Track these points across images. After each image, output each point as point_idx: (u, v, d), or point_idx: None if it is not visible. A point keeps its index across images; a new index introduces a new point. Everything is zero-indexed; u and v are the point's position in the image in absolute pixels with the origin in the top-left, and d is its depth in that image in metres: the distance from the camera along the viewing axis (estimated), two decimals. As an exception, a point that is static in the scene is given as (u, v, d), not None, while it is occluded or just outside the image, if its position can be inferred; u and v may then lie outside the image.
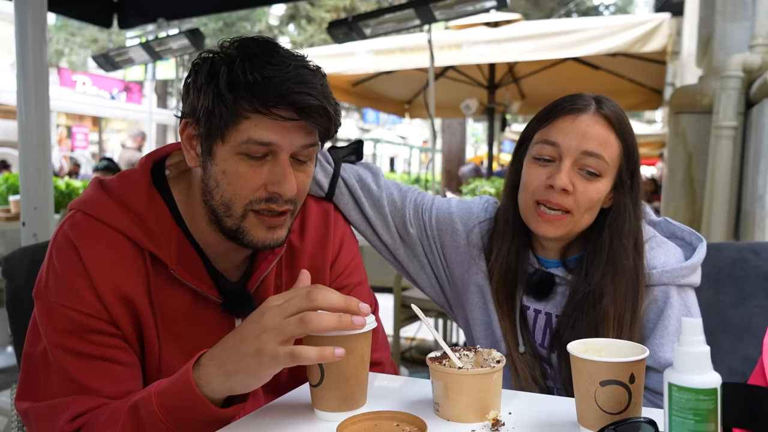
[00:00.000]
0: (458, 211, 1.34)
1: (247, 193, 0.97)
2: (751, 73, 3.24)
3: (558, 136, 1.16)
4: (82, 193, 1.07)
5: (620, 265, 1.16)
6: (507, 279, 1.24)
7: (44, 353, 0.97)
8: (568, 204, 1.14)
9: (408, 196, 1.35)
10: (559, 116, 1.17)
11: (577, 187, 1.14)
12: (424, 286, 1.39)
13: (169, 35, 4.68)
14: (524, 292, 1.25)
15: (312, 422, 0.90)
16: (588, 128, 1.14)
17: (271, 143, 0.95)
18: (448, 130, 11.63)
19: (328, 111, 0.95)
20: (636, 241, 1.18)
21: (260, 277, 1.10)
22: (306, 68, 0.96)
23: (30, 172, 2.57)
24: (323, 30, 14.58)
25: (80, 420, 0.92)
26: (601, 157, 1.14)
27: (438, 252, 1.34)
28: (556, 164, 1.16)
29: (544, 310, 1.24)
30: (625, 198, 1.19)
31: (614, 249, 1.17)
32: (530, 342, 1.25)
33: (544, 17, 14.43)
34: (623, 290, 1.15)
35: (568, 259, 1.23)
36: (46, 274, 1.00)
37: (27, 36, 2.53)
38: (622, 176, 1.18)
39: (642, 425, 0.78)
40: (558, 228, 1.16)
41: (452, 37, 6.19)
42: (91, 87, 17.67)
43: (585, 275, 1.18)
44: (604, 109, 1.16)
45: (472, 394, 0.88)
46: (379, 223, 1.32)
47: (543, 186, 1.16)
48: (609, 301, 1.15)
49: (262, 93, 0.92)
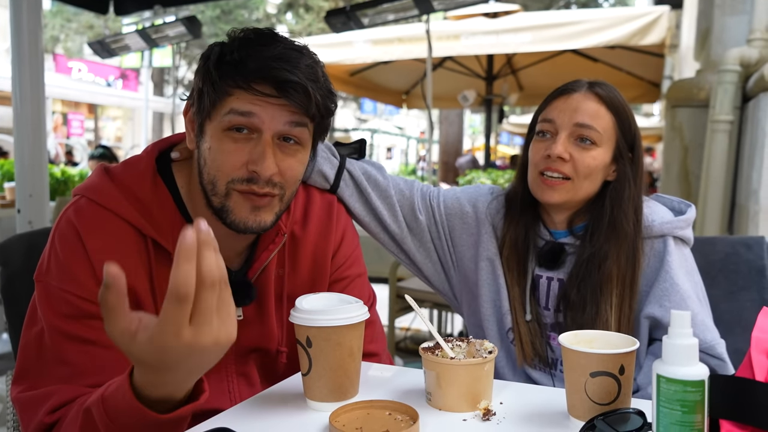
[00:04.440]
0: (465, 195, 1.42)
1: (228, 170, 0.98)
2: (749, 67, 3.24)
3: (553, 113, 1.28)
4: (86, 178, 1.08)
5: (621, 230, 1.25)
6: (518, 248, 1.33)
7: (39, 336, 0.97)
8: (567, 170, 1.24)
9: (414, 185, 1.42)
10: (555, 98, 1.30)
11: (573, 155, 1.24)
12: (429, 274, 1.43)
13: (165, 22, 4.65)
14: (537, 263, 1.32)
15: (304, 411, 0.91)
16: (579, 104, 1.26)
17: (252, 113, 0.96)
18: (446, 121, 11.62)
19: (307, 89, 0.95)
20: (636, 208, 1.27)
21: (261, 266, 1.11)
22: (294, 50, 0.98)
23: (25, 159, 2.56)
24: (321, 19, 14.49)
25: (59, 412, 0.92)
26: (592, 128, 1.24)
27: (446, 237, 1.40)
28: (554, 138, 1.27)
29: (556, 276, 1.31)
30: (626, 168, 1.28)
31: (615, 215, 1.26)
32: (537, 311, 1.32)
33: (543, 8, 14.36)
34: (625, 253, 1.24)
35: (575, 227, 1.32)
36: (47, 258, 1.00)
37: (22, 21, 2.51)
38: (620, 148, 1.27)
39: (631, 416, 0.79)
40: (560, 193, 1.25)
41: (450, 27, 6.17)
42: (87, 74, 17.55)
43: (589, 240, 1.27)
44: (595, 88, 1.27)
45: (463, 384, 0.89)
46: (387, 213, 1.36)
47: (543, 157, 1.26)
48: (612, 262, 1.24)
49: (244, 69, 0.95)
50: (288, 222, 1.15)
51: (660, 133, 9.14)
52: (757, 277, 1.46)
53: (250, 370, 1.13)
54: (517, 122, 15.17)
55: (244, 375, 1.13)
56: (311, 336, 0.90)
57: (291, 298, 1.12)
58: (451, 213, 1.40)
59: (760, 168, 2.79)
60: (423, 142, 21.91)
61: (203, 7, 15.97)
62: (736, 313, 1.44)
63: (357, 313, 0.91)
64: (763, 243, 1.48)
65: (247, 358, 1.13)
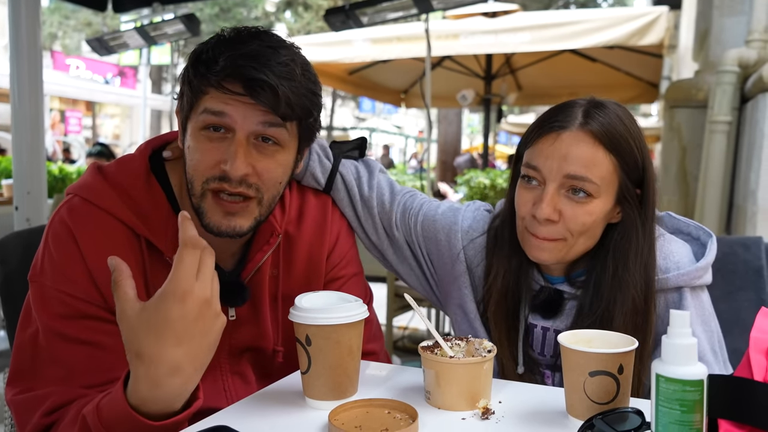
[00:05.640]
0: (442, 220, 1.26)
1: (203, 169, 0.98)
2: (747, 68, 3.25)
3: (539, 160, 1.07)
4: (79, 177, 1.07)
5: (628, 291, 1.07)
6: (507, 299, 1.16)
7: (34, 336, 0.97)
8: (557, 233, 1.06)
9: (397, 199, 1.29)
10: (541, 136, 1.08)
11: (564, 213, 1.05)
12: (414, 285, 1.34)
13: (164, 20, 4.64)
14: (530, 310, 1.16)
15: (303, 410, 0.91)
16: (569, 148, 1.04)
17: (224, 113, 0.95)
18: (444, 121, 11.62)
19: (276, 89, 0.93)
20: (646, 265, 1.08)
21: (254, 267, 1.10)
22: (270, 47, 0.96)
23: (23, 157, 2.55)
24: (320, 17, 14.47)
25: (55, 414, 0.92)
26: (586, 179, 1.03)
27: (425, 257, 1.29)
28: (541, 188, 1.07)
29: (552, 327, 1.16)
30: (633, 213, 1.08)
31: (620, 275, 1.07)
32: (531, 358, 1.18)
33: (542, 8, 14.37)
34: (632, 318, 1.07)
35: (573, 274, 1.16)
36: (41, 258, 0.99)
37: (20, 18, 2.50)
38: (625, 190, 1.07)
39: (629, 415, 0.79)
40: (552, 253, 1.08)
41: (449, 26, 6.16)
42: (85, 71, 17.52)
43: (592, 296, 1.10)
44: (590, 123, 1.04)
45: (462, 382, 0.89)
46: (368, 223, 1.29)
47: (529, 214, 1.08)
48: (618, 325, 1.06)
49: (215, 67, 0.95)
50: (282, 222, 1.14)
51: (658, 133, 9.15)
52: (755, 278, 1.46)
53: (244, 369, 1.13)
54: (515, 122, 15.17)
55: (238, 374, 1.13)
56: (310, 334, 0.90)
57: (286, 298, 1.12)
58: (428, 237, 1.26)
59: (758, 169, 2.80)
60: (421, 142, 21.90)
61: (202, 5, 15.93)
62: (733, 314, 1.44)
63: (356, 311, 0.91)
64: (760, 243, 1.48)
65: (240, 357, 1.12)
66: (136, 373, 0.77)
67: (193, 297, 0.75)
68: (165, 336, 0.75)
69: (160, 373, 0.76)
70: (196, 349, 0.77)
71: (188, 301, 0.75)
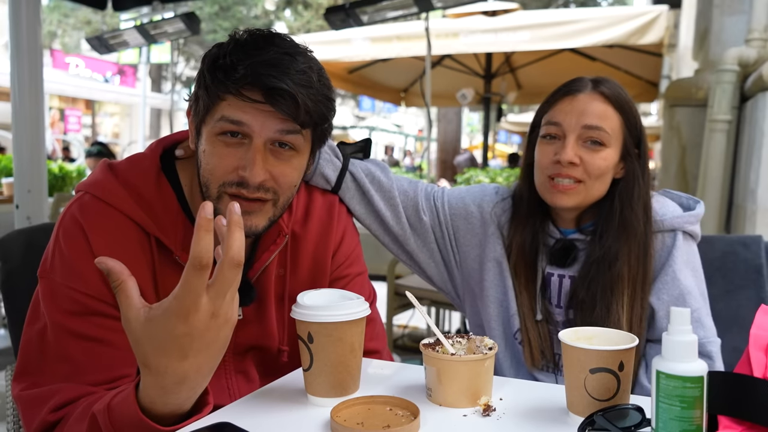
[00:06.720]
0: (470, 196, 1.41)
1: (220, 174, 0.98)
2: (747, 67, 3.25)
3: (559, 116, 1.26)
4: (89, 174, 1.07)
5: (631, 229, 1.24)
6: (526, 252, 1.32)
7: (42, 332, 0.97)
8: (578, 174, 1.23)
9: (419, 186, 1.41)
10: (559, 99, 1.27)
11: (583, 158, 1.23)
12: (431, 274, 1.42)
13: (164, 18, 4.64)
14: (548, 261, 1.32)
15: (306, 406, 0.91)
16: (586, 105, 1.24)
17: (242, 122, 0.96)
18: (444, 119, 11.62)
19: (296, 97, 0.94)
20: (645, 206, 1.26)
21: (261, 267, 1.11)
22: (288, 54, 0.96)
23: (24, 155, 2.56)
24: (320, 16, 14.48)
25: (63, 410, 0.92)
26: (601, 129, 1.23)
27: (450, 238, 1.39)
28: (562, 141, 1.25)
29: (567, 274, 1.31)
30: (634, 166, 1.27)
31: (625, 215, 1.25)
32: (547, 310, 1.32)
33: (541, 7, 14.36)
34: (635, 252, 1.24)
35: (583, 225, 1.31)
36: (51, 254, 1.00)
37: (21, 16, 2.50)
38: (628, 146, 1.27)
39: (630, 411, 0.80)
40: (572, 197, 1.24)
41: (449, 25, 6.17)
42: (85, 69, 17.50)
43: (599, 239, 1.26)
44: (600, 87, 1.25)
45: (464, 380, 0.89)
46: (390, 214, 1.35)
47: (552, 162, 1.25)
48: (623, 263, 1.23)
49: (234, 74, 0.94)
50: (289, 222, 1.14)
51: (657, 132, 9.16)
52: (755, 276, 1.46)
53: (248, 368, 1.14)
54: (515, 120, 15.18)
55: (242, 372, 1.13)
56: (313, 332, 0.90)
57: (292, 297, 1.12)
58: (456, 214, 1.39)
59: (758, 167, 2.80)
60: (421, 140, 21.91)
61: (201, 4, 15.94)
62: (733, 311, 1.45)
63: (358, 309, 0.92)
64: (760, 242, 1.49)
65: (244, 355, 1.13)
66: (145, 379, 0.77)
67: (198, 315, 0.72)
68: (169, 351, 0.73)
69: (167, 382, 0.76)
70: (201, 360, 0.76)
71: (192, 319, 0.72)
